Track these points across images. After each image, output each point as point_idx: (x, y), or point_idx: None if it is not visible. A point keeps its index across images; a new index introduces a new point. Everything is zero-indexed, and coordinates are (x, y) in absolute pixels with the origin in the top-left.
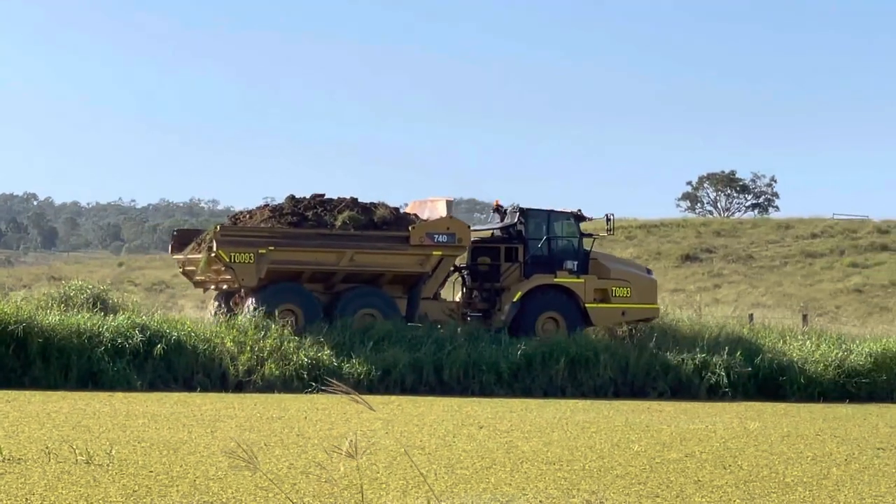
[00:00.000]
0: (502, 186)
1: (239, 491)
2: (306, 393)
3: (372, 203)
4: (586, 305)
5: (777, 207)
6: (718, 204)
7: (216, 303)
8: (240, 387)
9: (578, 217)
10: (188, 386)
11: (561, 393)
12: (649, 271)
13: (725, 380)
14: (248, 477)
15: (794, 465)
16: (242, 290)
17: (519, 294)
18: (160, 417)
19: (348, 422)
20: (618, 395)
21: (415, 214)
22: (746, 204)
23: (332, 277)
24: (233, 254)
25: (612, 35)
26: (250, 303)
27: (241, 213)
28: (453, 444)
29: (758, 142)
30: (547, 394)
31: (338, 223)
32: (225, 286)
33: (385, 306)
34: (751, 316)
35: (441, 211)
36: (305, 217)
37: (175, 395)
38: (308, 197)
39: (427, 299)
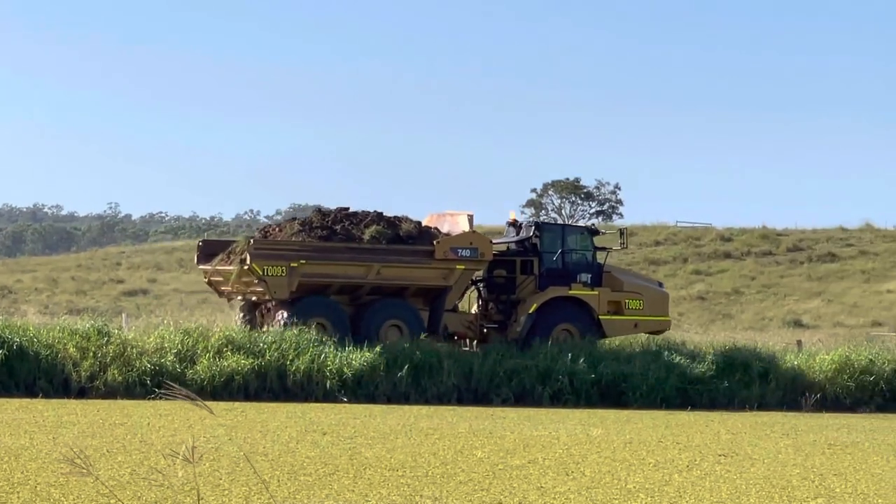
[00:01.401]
0: (339, 193)
1: (80, 497)
2: (149, 399)
3: (396, 217)
4: (600, 317)
5: (621, 214)
6: (563, 211)
7: (241, 313)
8: (82, 393)
9: (592, 231)
10: (30, 392)
11: (405, 399)
12: (661, 284)
13: (568, 386)
14: (89, 483)
15: (636, 472)
16: (272, 302)
17: (535, 306)
18: (1, 423)
19: (191, 428)
20: (461, 401)
21: (435, 228)
22: (591, 211)
23: (358, 290)
24: (266, 267)
25: (451, 39)
26: (281, 315)
27: (270, 226)
28: (296, 450)
29: (602, 149)
30: (391, 400)
31: (366, 237)
32: (254, 298)
33: (410, 318)
34: None
35: (463, 225)
36: (335, 231)
37: (16, 401)
38: (334, 210)
39: (447, 311)
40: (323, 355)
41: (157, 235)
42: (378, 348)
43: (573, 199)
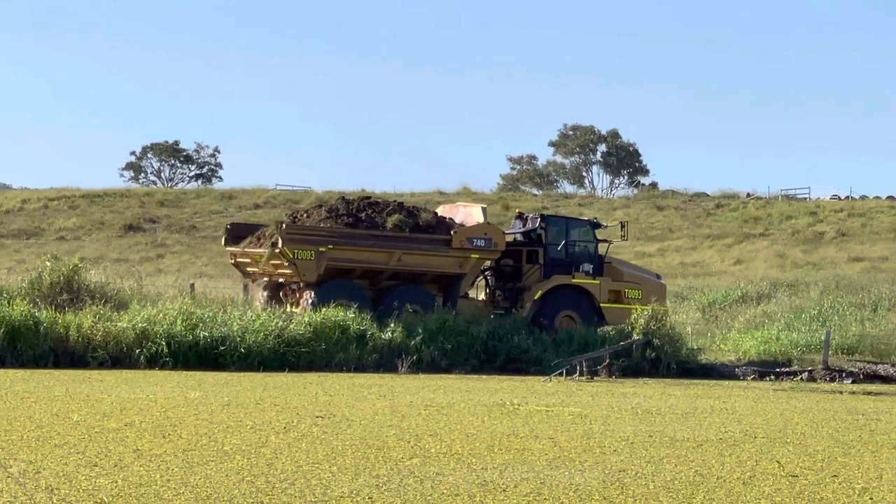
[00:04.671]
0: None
1: None
2: None
3: (415, 207)
4: (601, 305)
5: (220, 178)
6: (162, 174)
7: (265, 293)
8: None
9: (595, 224)
10: None
11: (0, 363)
12: (658, 276)
13: (166, 349)
14: None
15: (234, 434)
16: (299, 284)
17: (539, 293)
18: None
19: None
20: (58, 364)
21: (450, 219)
22: (190, 174)
23: (379, 275)
24: (296, 250)
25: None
26: (308, 296)
27: (298, 211)
28: None
29: (201, 111)
30: None
31: (389, 225)
32: (281, 280)
33: (428, 302)
34: (192, 286)
35: (477, 217)
36: (359, 218)
37: None
38: (357, 199)
39: (459, 297)
40: None
41: None
42: None
43: (172, 162)
